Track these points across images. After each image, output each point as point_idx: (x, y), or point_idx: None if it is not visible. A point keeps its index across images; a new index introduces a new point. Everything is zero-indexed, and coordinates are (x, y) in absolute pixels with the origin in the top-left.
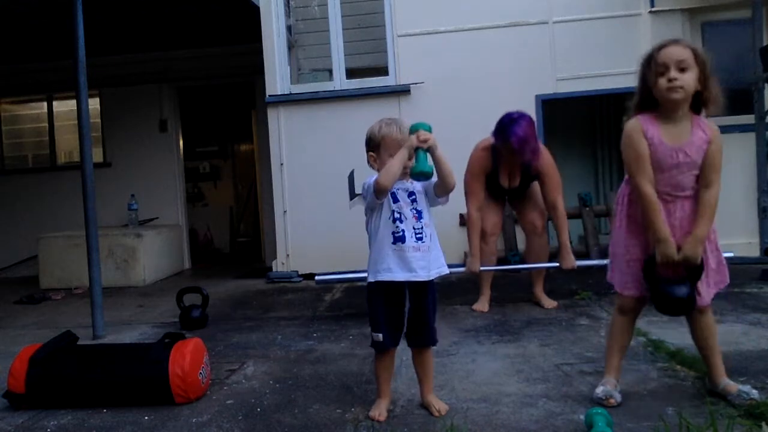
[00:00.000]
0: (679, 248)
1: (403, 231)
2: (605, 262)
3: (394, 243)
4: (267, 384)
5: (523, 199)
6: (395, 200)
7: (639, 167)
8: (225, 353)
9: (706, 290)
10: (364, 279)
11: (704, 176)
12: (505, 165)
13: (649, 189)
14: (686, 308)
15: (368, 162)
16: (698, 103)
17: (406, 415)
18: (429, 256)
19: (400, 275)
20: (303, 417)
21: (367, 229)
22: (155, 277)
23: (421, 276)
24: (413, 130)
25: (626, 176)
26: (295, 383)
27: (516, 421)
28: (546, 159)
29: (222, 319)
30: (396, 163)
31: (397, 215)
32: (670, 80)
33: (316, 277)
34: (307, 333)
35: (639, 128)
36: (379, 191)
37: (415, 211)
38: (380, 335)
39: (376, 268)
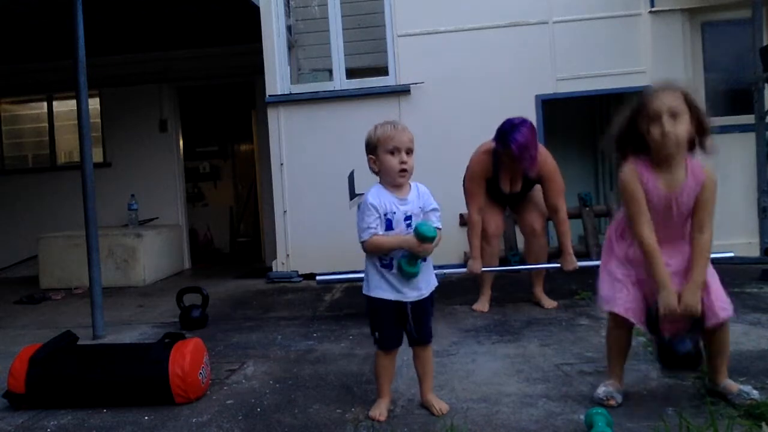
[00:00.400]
0: (679, 296)
1: (391, 259)
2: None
3: (382, 267)
4: (267, 384)
5: (523, 201)
6: (389, 227)
7: (638, 215)
8: (225, 353)
9: (721, 307)
10: (360, 280)
11: (696, 220)
12: (506, 170)
13: (649, 236)
14: (693, 364)
15: (369, 166)
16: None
17: (406, 415)
18: (420, 282)
19: (390, 295)
20: (303, 417)
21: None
22: (155, 277)
23: (410, 297)
24: (419, 233)
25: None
26: (295, 383)
27: (516, 421)
28: (549, 163)
29: (222, 319)
30: (391, 243)
31: None
32: (663, 133)
33: (317, 278)
34: (307, 333)
35: (636, 176)
36: (364, 248)
37: None
38: (378, 333)
39: (368, 285)
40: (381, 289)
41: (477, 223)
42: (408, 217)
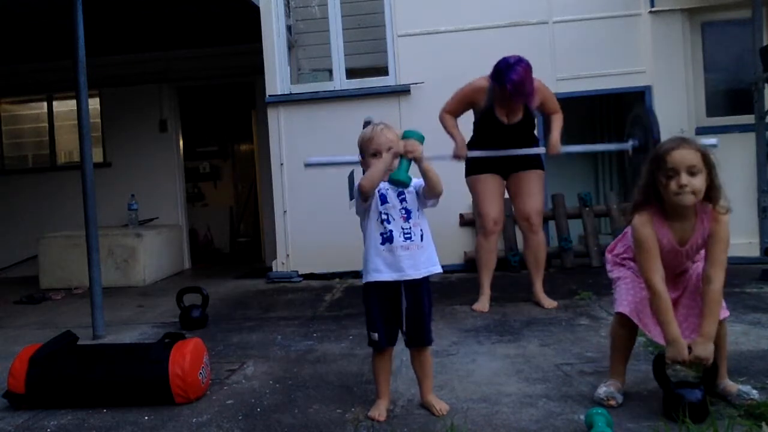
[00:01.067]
0: (689, 347)
1: (390, 231)
2: (591, 148)
3: (382, 243)
4: (267, 384)
5: (521, 189)
6: (384, 201)
7: (650, 265)
8: (225, 353)
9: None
10: (354, 164)
11: (706, 270)
12: (502, 103)
13: (661, 286)
14: (699, 414)
15: (362, 167)
16: (708, 199)
17: (406, 415)
18: (418, 255)
19: (388, 275)
20: (303, 417)
21: (361, 230)
22: (155, 277)
23: (411, 274)
24: (405, 136)
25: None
26: (295, 383)
27: (516, 421)
28: (542, 89)
29: (222, 319)
30: (379, 166)
31: (384, 216)
32: (681, 185)
33: (307, 159)
34: (307, 333)
35: (650, 223)
36: (361, 194)
37: (404, 211)
38: (375, 334)
39: (367, 269)
40: (378, 271)
41: (448, 116)
42: (401, 192)
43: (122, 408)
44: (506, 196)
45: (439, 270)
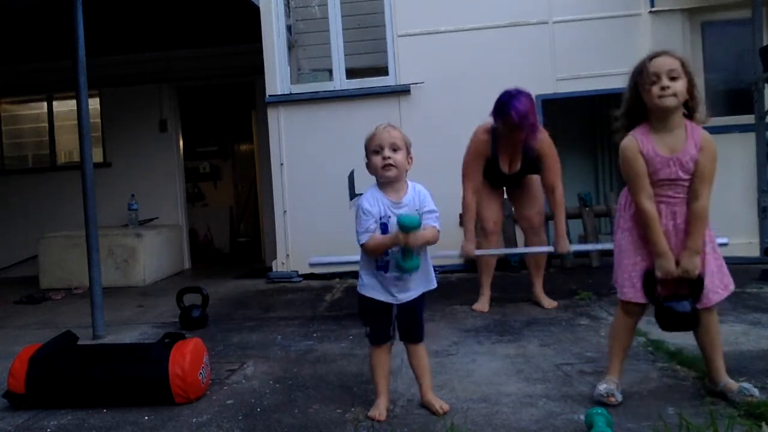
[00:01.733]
0: (677, 261)
1: (387, 262)
2: (599, 246)
3: (377, 269)
4: (267, 384)
5: (522, 194)
6: (384, 231)
7: (638, 185)
8: (225, 353)
9: (712, 290)
10: (356, 263)
11: (693, 187)
12: (505, 149)
13: (648, 206)
14: (689, 324)
15: (366, 168)
16: (687, 110)
17: (406, 415)
18: (411, 282)
19: (381, 296)
20: (303, 417)
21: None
22: (155, 277)
23: (401, 299)
24: (400, 225)
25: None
26: (295, 383)
27: (516, 421)
28: (546, 141)
29: (222, 319)
30: (381, 241)
31: None
32: (662, 88)
33: (310, 259)
34: (307, 333)
35: (635, 146)
36: (363, 251)
37: None
38: (368, 328)
39: (362, 282)
40: (373, 289)
41: (471, 204)
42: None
43: (122, 408)
44: (505, 196)
45: (433, 286)
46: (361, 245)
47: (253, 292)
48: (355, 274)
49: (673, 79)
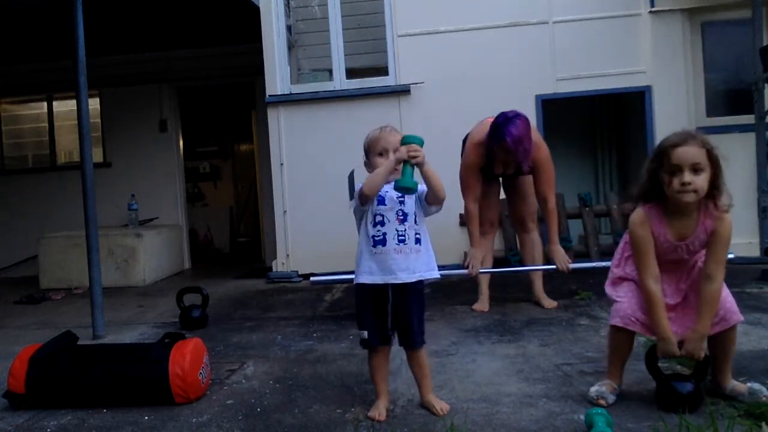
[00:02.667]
0: (680, 344)
1: (384, 234)
2: (603, 264)
3: (374, 246)
4: (267, 384)
5: (515, 192)
6: (381, 203)
7: (644, 265)
8: (225, 353)
9: (732, 310)
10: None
11: (706, 268)
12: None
13: (653, 287)
14: (691, 404)
15: (365, 168)
16: (709, 196)
17: (406, 415)
18: (411, 259)
19: (379, 278)
20: (303, 417)
21: (357, 230)
22: (155, 277)
23: (402, 278)
24: (404, 142)
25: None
26: (295, 383)
27: (516, 421)
28: (542, 150)
29: (222, 319)
30: (381, 171)
31: (379, 218)
32: (683, 183)
33: (312, 279)
34: (307, 333)
35: (646, 222)
36: (362, 198)
37: (400, 213)
38: (365, 332)
39: (359, 270)
40: (369, 272)
41: (474, 213)
42: (400, 196)
43: (122, 408)
44: (502, 196)
45: (436, 276)
46: (360, 190)
47: (253, 292)
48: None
49: (696, 170)
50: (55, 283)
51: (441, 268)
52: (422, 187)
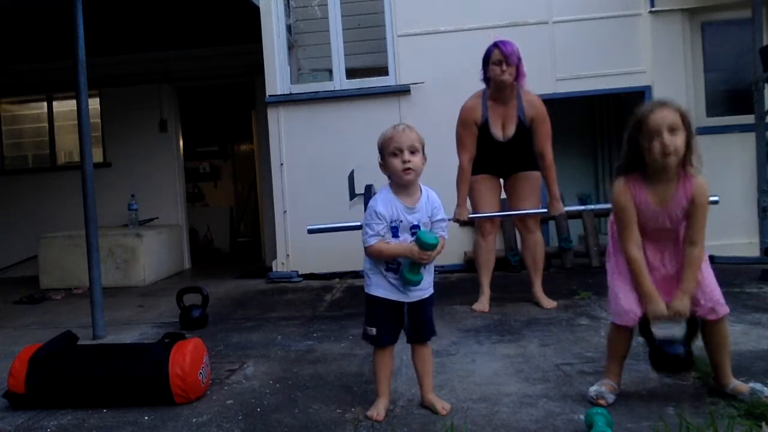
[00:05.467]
0: (668, 304)
1: (398, 264)
2: (592, 207)
3: (387, 270)
4: (267, 384)
5: (518, 193)
6: (395, 235)
7: (626, 232)
8: (225, 353)
9: (720, 303)
10: (355, 229)
11: (688, 233)
12: (496, 111)
13: (636, 253)
14: (683, 367)
15: (380, 169)
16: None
17: (406, 415)
18: (422, 282)
19: (392, 295)
20: (303, 417)
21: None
22: (155, 277)
23: (413, 297)
24: (420, 244)
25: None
26: (295, 383)
27: (516, 421)
28: (539, 104)
29: (222, 319)
30: (390, 252)
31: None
32: (664, 146)
33: (309, 227)
34: (307, 333)
35: (627, 191)
36: (365, 252)
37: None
38: (373, 329)
39: (370, 281)
40: (383, 288)
41: (467, 168)
42: (415, 226)
43: (122, 408)
44: (503, 196)
45: (431, 293)
46: (367, 247)
47: (253, 292)
48: (355, 274)
49: (673, 132)
50: (55, 283)
51: (441, 268)
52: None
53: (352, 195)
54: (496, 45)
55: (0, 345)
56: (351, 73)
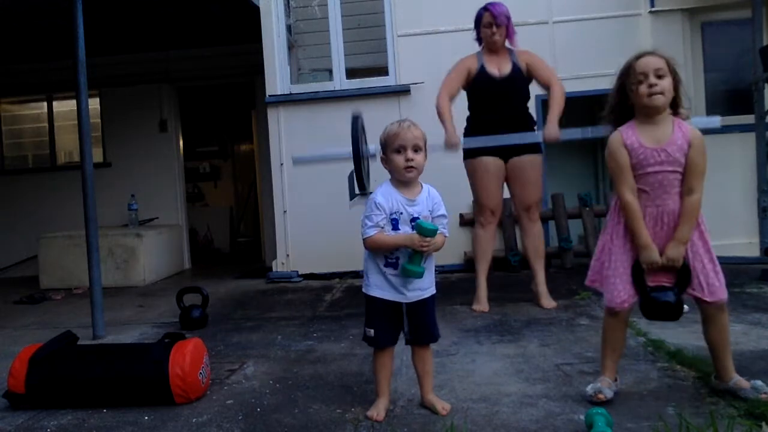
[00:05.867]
0: (662, 252)
1: (397, 258)
2: (590, 132)
3: (386, 266)
4: (267, 384)
5: (521, 178)
6: (395, 227)
7: (620, 178)
8: (225, 353)
9: (721, 287)
10: (344, 157)
11: (686, 182)
12: (491, 58)
13: (630, 197)
14: (673, 314)
15: (382, 164)
16: (672, 106)
17: (406, 415)
18: (420, 281)
19: (389, 294)
20: (303, 417)
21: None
22: (155, 277)
23: (411, 298)
24: (419, 231)
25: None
26: (295, 383)
27: (516, 421)
28: (532, 54)
29: (222, 319)
30: (390, 242)
31: None
32: (650, 86)
33: (293, 156)
34: (307, 333)
35: (620, 140)
36: (364, 244)
37: None
38: (372, 330)
39: (368, 282)
40: (380, 288)
41: (444, 100)
42: (414, 219)
43: (122, 408)
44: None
45: (433, 292)
46: (365, 239)
47: (253, 292)
48: (355, 274)
49: (659, 77)
50: (55, 283)
51: (441, 268)
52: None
53: (352, 195)
54: (485, 7)
55: (0, 345)
56: (351, 73)
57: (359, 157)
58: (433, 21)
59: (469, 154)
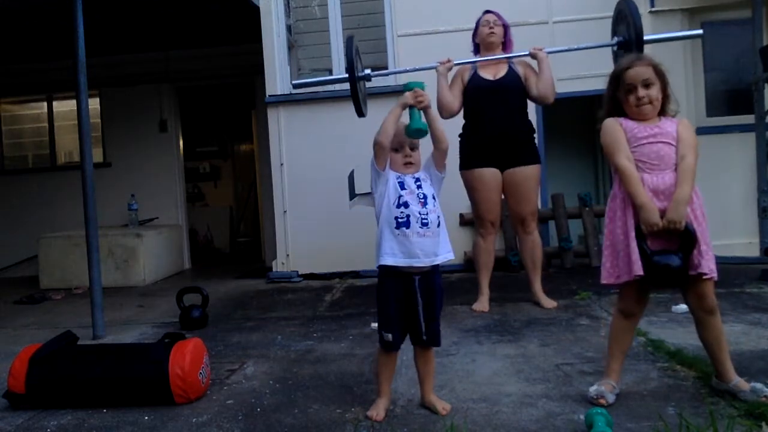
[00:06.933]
0: (662, 215)
1: (407, 216)
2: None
3: (397, 228)
4: (267, 384)
5: (517, 191)
6: (402, 187)
7: (616, 147)
8: (225, 353)
9: (712, 261)
10: (341, 81)
11: (679, 151)
12: (486, 67)
13: (626, 162)
14: (678, 279)
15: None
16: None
17: (406, 415)
18: (433, 242)
19: (402, 260)
20: (303, 417)
21: (375, 215)
22: (155, 277)
23: (424, 261)
24: (407, 88)
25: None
26: (295, 383)
27: (516, 421)
28: (529, 63)
29: (222, 319)
30: (390, 118)
31: (402, 201)
32: (638, 98)
33: (293, 82)
34: (307, 333)
35: (614, 120)
36: (377, 149)
37: (421, 196)
38: (390, 335)
39: (380, 252)
40: (392, 254)
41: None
42: (417, 179)
43: (122, 408)
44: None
45: (452, 256)
46: (375, 142)
47: (253, 292)
48: (355, 274)
49: (647, 86)
50: (55, 283)
51: (441, 268)
52: (429, 160)
53: (352, 195)
54: (485, 11)
55: (0, 345)
56: None
57: (354, 78)
58: (433, 21)
59: (467, 165)
